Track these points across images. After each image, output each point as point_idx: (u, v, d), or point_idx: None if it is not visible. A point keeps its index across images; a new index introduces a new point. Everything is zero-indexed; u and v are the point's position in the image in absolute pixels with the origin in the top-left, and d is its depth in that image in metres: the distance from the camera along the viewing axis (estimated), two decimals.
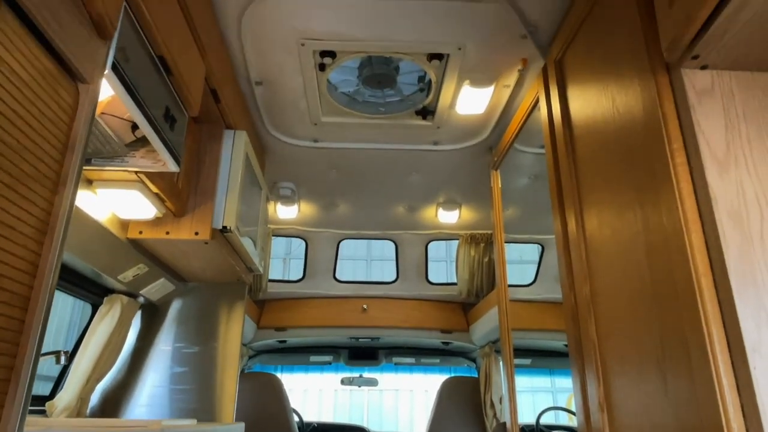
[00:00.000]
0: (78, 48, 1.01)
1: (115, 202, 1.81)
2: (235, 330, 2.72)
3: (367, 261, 13.51)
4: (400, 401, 12.72)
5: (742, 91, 1.11)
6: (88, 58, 1.05)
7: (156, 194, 1.81)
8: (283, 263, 12.48)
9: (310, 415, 11.50)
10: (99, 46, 1.09)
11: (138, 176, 1.69)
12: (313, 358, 4.89)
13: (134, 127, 1.52)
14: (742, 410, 0.92)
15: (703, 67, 1.13)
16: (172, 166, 1.59)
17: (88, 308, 2.53)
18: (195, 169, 2.09)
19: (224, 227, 2.04)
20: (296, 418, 4.07)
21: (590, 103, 1.55)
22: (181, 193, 1.96)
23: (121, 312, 2.31)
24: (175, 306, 2.73)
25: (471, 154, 2.84)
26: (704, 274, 1.02)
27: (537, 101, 2.04)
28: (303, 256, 4.11)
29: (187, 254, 2.26)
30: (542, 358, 4.44)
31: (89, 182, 1.75)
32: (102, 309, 2.31)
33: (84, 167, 1.63)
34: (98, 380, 2.29)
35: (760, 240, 0.99)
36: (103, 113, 1.43)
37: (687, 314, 1.04)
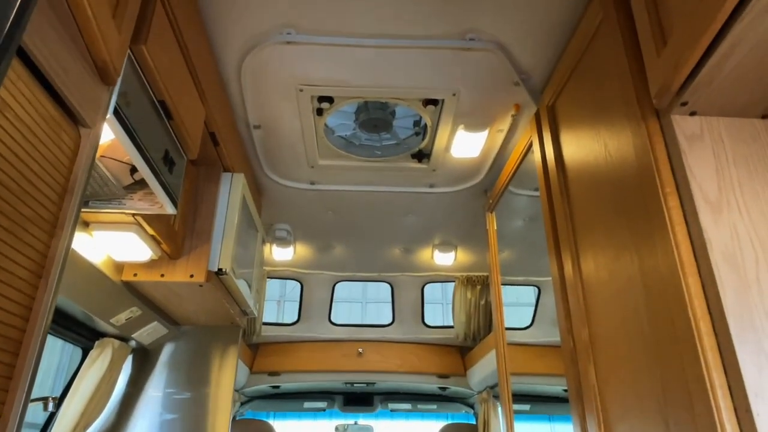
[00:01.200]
0: (81, 93, 1.03)
1: (110, 245, 1.80)
2: (228, 375, 2.66)
3: (362, 303, 13.36)
4: None
5: (731, 136, 1.14)
6: (91, 104, 1.07)
7: (152, 236, 1.80)
8: (278, 305, 12.33)
9: None
10: (102, 92, 1.12)
11: (135, 218, 1.69)
12: (307, 405, 4.77)
13: (133, 169, 1.53)
14: None
15: (692, 113, 1.16)
16: (169, 209, 1.59)
17: (77, 352, 2.48)
18: (192, 212, 2.10)
19: (220, 270, 2.03)
20: None
21: (583, 147, 1.58)
22: (177, 235, 1.96)
23: (112, 356, 2.26)
24: (167, 350, 2.68)
25: (466, 197, 2.87)
26: (702, 318, 1.02)
27: (530, 145, 2.08)
28: (297, 299, 4.07)
29: (181, 297, 2.24)
30: (541, 404, 4.34)
31: (86, 224, 1.75)
32: (92, 353, 2.26)
33: (81, 210, 1.63)
34: (86, 428, 2.22)
35: (756, 282, 0.99)
36: (102, 156, 1.44)
37: (687, 359, 1.03)
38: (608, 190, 1.40)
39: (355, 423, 5.17)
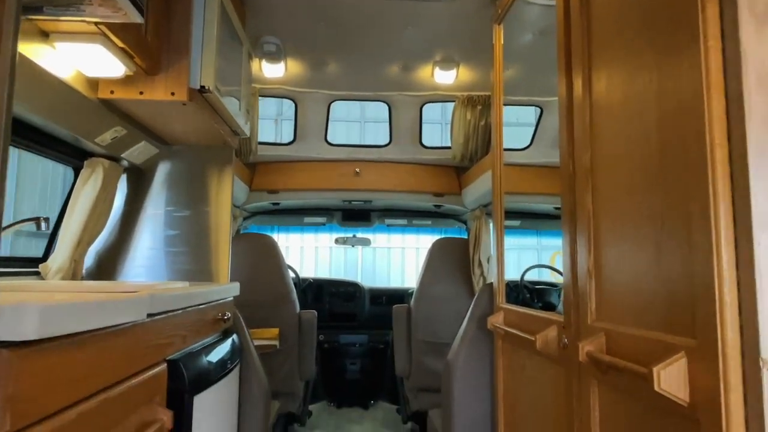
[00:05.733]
0: None
1: (77, 58, 1.64)
2: (225, 194, 2.69)
3: (360, 123, 13.26)
4: (392, 258, 13.34)
5: None
6: None
7: (122, 49, 1.63)
8: (275, 124, 12.24)
9: (307, 272, 12.12)
10: None
11: (99, 28, 1.51)
12: (307, 219, 4.98)
13: None
14: (738, 285, 0.89)
15: None
16: (134, 16, 1.41)
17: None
18: (165, 22, 1.88)
19: (202, 87, 1.89)
20: (292, 275, 4.22)
21: None
22: (151, 48, 1.78)
23: (104, 175, 2.24)
24: (162, 170, 2.67)
25: (472, 6, 2.59)
26: (720, 145, 0.93)
27: None
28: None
29: (165, 116, 2.14)
30: (531, 220, 4.52)
31: (45, 35, 1.57)
32: (84, 173, 2.23)
33: (35, 17, 1.45)
34: (89, 243, 2.29)
35: None
36: None
37: (695, 188, 0.97)
38: None
39: (354, 236, 5.47)
